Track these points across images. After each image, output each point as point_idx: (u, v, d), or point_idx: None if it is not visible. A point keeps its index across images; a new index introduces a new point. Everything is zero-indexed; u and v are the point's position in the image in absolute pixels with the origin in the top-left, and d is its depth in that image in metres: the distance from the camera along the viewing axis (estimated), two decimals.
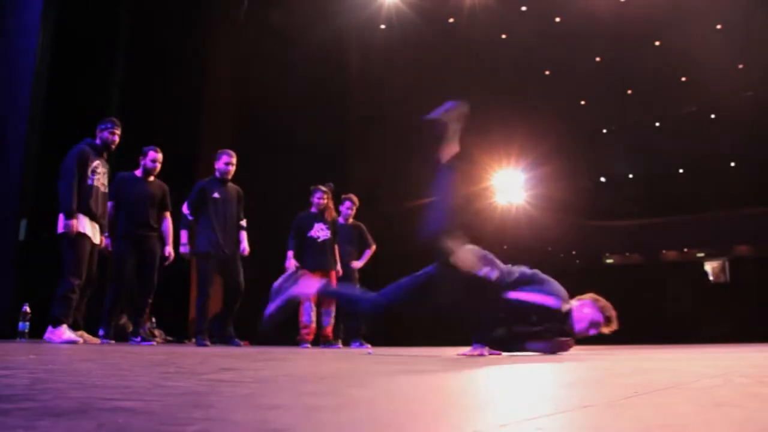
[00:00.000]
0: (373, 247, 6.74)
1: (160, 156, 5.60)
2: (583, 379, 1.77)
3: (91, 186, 4.93)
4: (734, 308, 14.06)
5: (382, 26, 11.22)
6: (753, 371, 1.98)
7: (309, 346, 5.91)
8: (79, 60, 6.78)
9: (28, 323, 5.00)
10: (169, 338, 6.82)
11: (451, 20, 11.99)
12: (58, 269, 4.86)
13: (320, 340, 6.16)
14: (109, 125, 5.09)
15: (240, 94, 9.20)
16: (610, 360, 3.12)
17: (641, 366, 2.42)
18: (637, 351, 5.13)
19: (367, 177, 10.07)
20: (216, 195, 5.61)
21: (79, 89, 6.79)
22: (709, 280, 16.56)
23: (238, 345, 5.40)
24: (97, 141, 5.08)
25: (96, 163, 4.99)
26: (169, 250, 5.69)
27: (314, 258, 6.08)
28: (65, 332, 4.58)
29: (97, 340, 4.99)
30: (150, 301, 5.56)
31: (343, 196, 6.73)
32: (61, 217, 4.80)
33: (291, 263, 6.09)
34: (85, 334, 4.92)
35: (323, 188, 6.27)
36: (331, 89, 10.27)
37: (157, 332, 6.54)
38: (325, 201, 6.22)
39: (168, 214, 5.76)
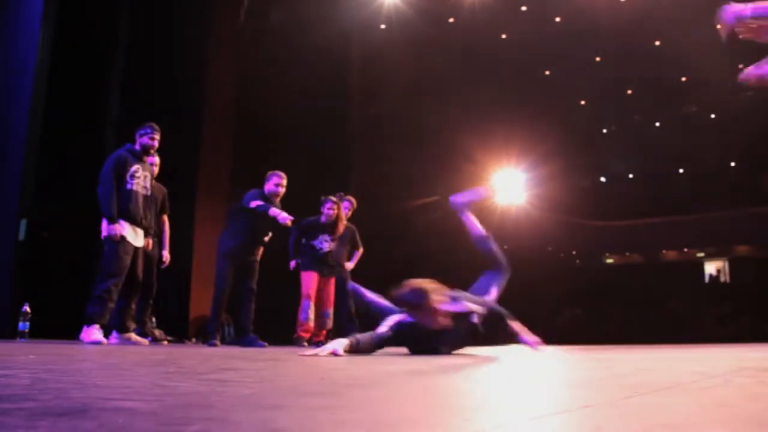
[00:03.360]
0: (361, 249, 6.78)
1: (156, 159, 5.59)
2: (583, 379, 1.77)
3: (130, 190, 4.91)
4: (734, 308, 14.06)
5: (382, 26, 11.22)
6: (753, 371, 1.98)
7: (306, 345, 5.91)
8: (79, 60, 6.78)
9: (28, 323, 5.01)
10: (169, 338, 6.82)
11: (451, 20, 11.99)
12: (57, 269, 4.87)
13: (313, 339, 6.18)
14: (148, 130, 5.07)
15: (240, 93, 9.21)
16: (610, 360, 3.12)
17: (641, 366, 2.42)
18: (637, 351, 5.12)
19: (368, 176, 10.07)
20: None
21: (79, 89, 6.79)
22: (708, 280, 16.58)
23: (262, 346, 5.30)
24: (137, 146, 5.07)
25: (135, 167, 4.97)
26: (166, 254, 5.74)
27: (312, 263, 6.15)
28: (94, 333, 4.61)
29: (146, 342, 5.02)
30: (151, 302, 5.64)
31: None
32: (104, 222, 4.83)
33: (292, 264, 6.31)
34: (134, 336, 4.96)
35: (334, 198, 6.18)
36: (332, 89, 10.27)
37: (157, 332, 6.54)
38: (335, 211, 6.13)
39: (166, 218, 5.80)
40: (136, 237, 4.96)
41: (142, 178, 5.03)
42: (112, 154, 5.02)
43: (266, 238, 5.73)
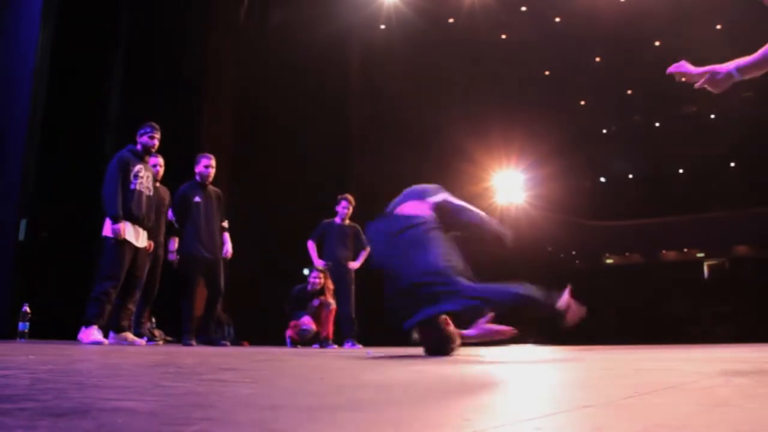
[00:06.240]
0: (368, 248, 6.75)
1: (161, 160, 5.62)
2: (583, 379, 1.77)
3: (134, 190, 4.96)
4: (734, 308, 14.06)
5: (382, 26, 11.22)
6: (753, 371, 1.98)
7: (311, 329, 6.02)
8: (78, 60, 6.79)
9: (28, 323, 5.01)
10: (169, 338, 6.82)
11: (451, 20, 12.00)
12: (57, 269, 4.87)
13: (320, 336, 6.20)
14: (148, 130, 5.14)
15: (240, 93, 9.21)
16: (610, 360, 3.12)
17: (641, 366, 2.42)
18: (637, 351, 5.13)
19: (367, 176, 10.07)
20: (197, 199, 5.64)
21: (78, 89, 6.79)
22: (708, 280, 16.58)
23: (223, 345, 5.47)
24: (138, 146, 5.14)
25: (138, 167, 5.03)
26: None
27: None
28: (93, 333, 4.63)
29: (142, 342, 5.03)
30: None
31: (339, 196, 6.72)
32: (107, 221, 4.85)
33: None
34: (130, 336, 4.96)
35: (320, 267, 6.33)
36: (331, 89, 10.27)
37: (157, 332, 6.54)
38: (321, 281, 6.24)
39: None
40: (138, 238, 4.97)
41: (145, 178, 5.08)
42: (115, 155, 5.06)
43: (224, 224, 5.81)
